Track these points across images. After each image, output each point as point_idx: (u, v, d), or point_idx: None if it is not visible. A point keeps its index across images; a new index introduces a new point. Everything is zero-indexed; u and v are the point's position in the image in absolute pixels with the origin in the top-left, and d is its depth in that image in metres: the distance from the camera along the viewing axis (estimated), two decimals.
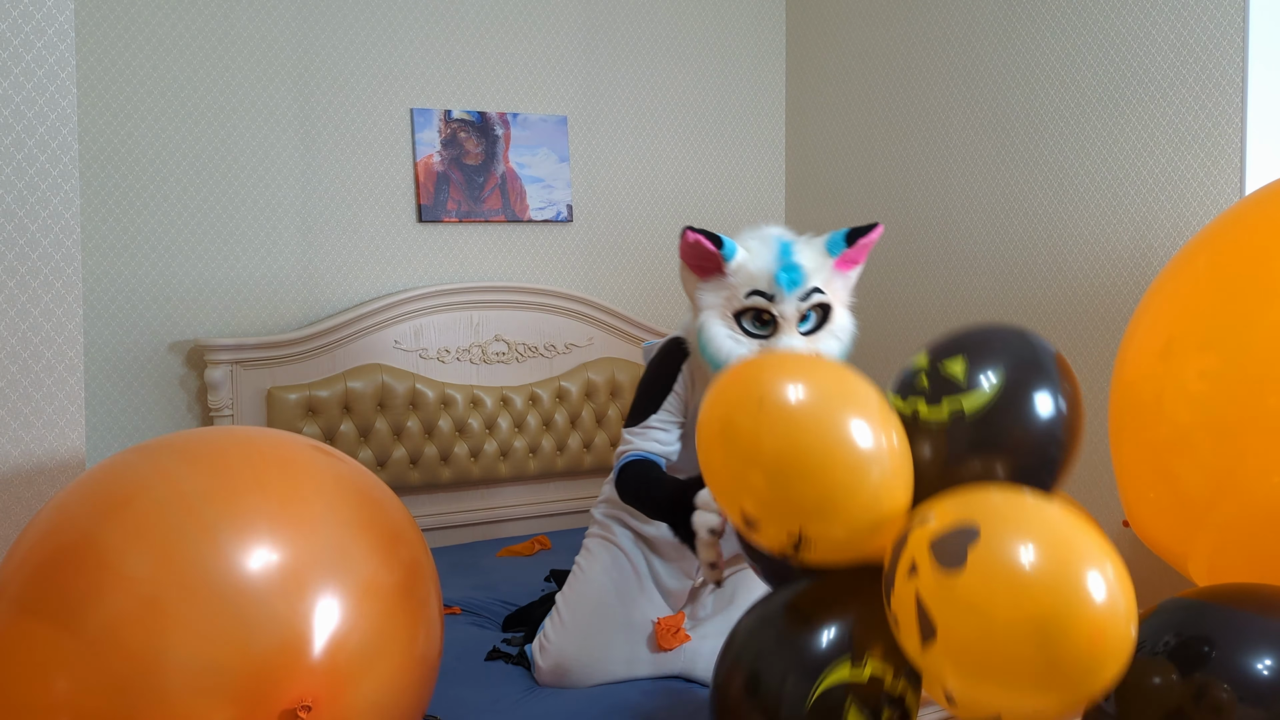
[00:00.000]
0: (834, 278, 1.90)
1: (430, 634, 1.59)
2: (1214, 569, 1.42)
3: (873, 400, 1.35)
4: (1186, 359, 1.42)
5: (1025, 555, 1.15)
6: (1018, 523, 1.19)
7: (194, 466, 1.48)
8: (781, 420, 1.30)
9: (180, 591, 1.33)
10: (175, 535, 1.37)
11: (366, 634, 1.43)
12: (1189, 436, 1.40)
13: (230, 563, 1.35)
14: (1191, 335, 1.44)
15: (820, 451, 1.29)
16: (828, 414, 1.31)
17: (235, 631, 1.32)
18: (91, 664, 1.29)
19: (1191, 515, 1.43)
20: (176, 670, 1.29)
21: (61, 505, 1.46)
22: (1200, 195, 2.68)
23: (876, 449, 1.30)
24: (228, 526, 1.39)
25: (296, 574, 1.39)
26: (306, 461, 1.57)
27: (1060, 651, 1.11)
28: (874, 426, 1.31)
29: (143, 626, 1.30)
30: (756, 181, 4.02)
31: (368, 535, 1.51)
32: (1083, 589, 1.12)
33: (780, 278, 1.83)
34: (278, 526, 1.42)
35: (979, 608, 1.15)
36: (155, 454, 1.52)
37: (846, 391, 1.35)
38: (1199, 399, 1.39)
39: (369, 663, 1.43)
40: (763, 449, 1.30)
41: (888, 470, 1.31)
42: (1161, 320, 1.49)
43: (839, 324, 1.90)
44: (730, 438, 1.33)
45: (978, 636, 1.15)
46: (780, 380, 1.33)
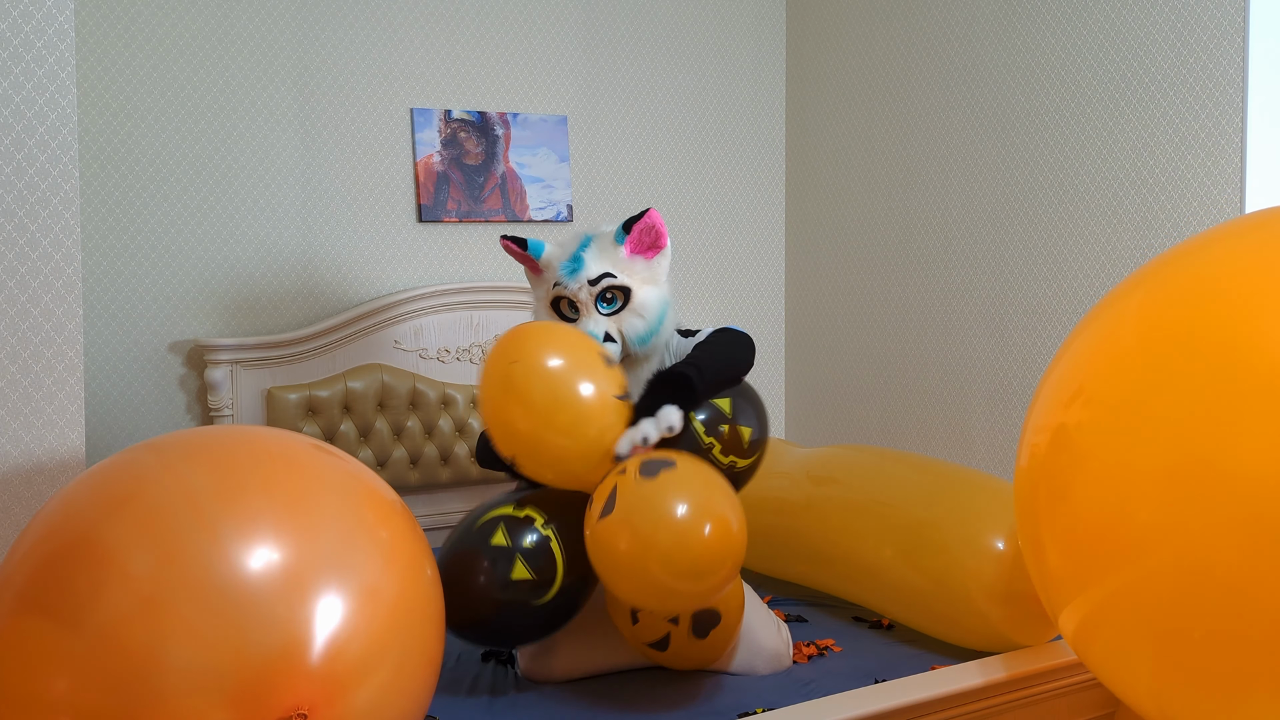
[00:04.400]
0: (633, 263, 2.15)
1: (431, 640, 1.58)
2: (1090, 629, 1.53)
3: (596, 368, 1.89)
4: (1087, 409, 1.50)
5: (691, 486, 1.75)
6: (697, 470, 1.80)
7: (200, 464, 1.47)
8: (522, 374, 1.85)
9: (181, 591, 1.32)
10: (179, 533, 1.36)
11: (367, 640, 1.42)
12: (1072, 490, 1.49)
13: (233, 563, 1.35)
14: (1098, 387, 1.50)
15: (541, 402, 1.84)
16: (555, 374, 1.85)
17: (235, 633, 1.32)
18: (91, 662, 1.29)
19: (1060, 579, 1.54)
20: (174, 670, 1.28)
21: (65, 501, 1.45)
22: (1200, 195, 2.68)
23: (590, 403, 1.85)
24: (232, 526, 1.38)
25: (299, 576, 1.38)
26: (313, 462, 1.56)
27: (690, 546, 1.69)
28: (590, 386, 1.86)
29: (143, 625, 1.29)
30: (756, 181, 4.02)
31: (372, 539, 1.50)
32: (720, 514, 1.73)
33: (563, 268, 2.14)
34: (282, 527, 1.41)
35: (650, 503, 1.72)
36: (161, 451, 1.51)
37: (576, 358, 1.88)
38: (1082, 450, 1.48)
39: (368, 669, 1.42)
40: (509, 391, 1.86)
41: (596, 420, 1.85)
42: (1077, 370, 1.55)
43: (639, 303, 2.14)
44: (486, 382, 1.90)
45: (644, 521, 1.71)
46: (526, 344, 1.88)
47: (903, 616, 2.27)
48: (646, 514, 1.71)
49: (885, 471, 2.46)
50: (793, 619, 2.38)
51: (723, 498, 1.77)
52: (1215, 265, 1.48)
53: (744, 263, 4.01)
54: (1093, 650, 1.55)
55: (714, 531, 1.71)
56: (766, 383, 4.07)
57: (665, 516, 1.70)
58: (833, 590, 2.47)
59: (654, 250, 2.17)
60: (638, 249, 2.15)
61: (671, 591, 1.72)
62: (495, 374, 1.89)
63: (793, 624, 2.34)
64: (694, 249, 3.89)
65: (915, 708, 1.82)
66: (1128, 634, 1.45)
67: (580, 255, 2.13)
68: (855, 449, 2.69)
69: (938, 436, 3.44)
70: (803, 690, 1.96)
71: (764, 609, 2.16)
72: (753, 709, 1.87)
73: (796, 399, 4.06)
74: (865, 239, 3.71)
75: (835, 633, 2.28)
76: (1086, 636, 1.54)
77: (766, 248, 4.06)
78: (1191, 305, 1.44)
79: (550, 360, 1.86)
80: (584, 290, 2.11)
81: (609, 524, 1.75)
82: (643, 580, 1.72)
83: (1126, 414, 1.43)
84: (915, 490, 2.31)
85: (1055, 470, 1.54)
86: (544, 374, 1.85)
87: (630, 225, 2.14)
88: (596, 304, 2.12)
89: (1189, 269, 1.51)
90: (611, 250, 2.14)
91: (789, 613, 2.42)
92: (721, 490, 1.79)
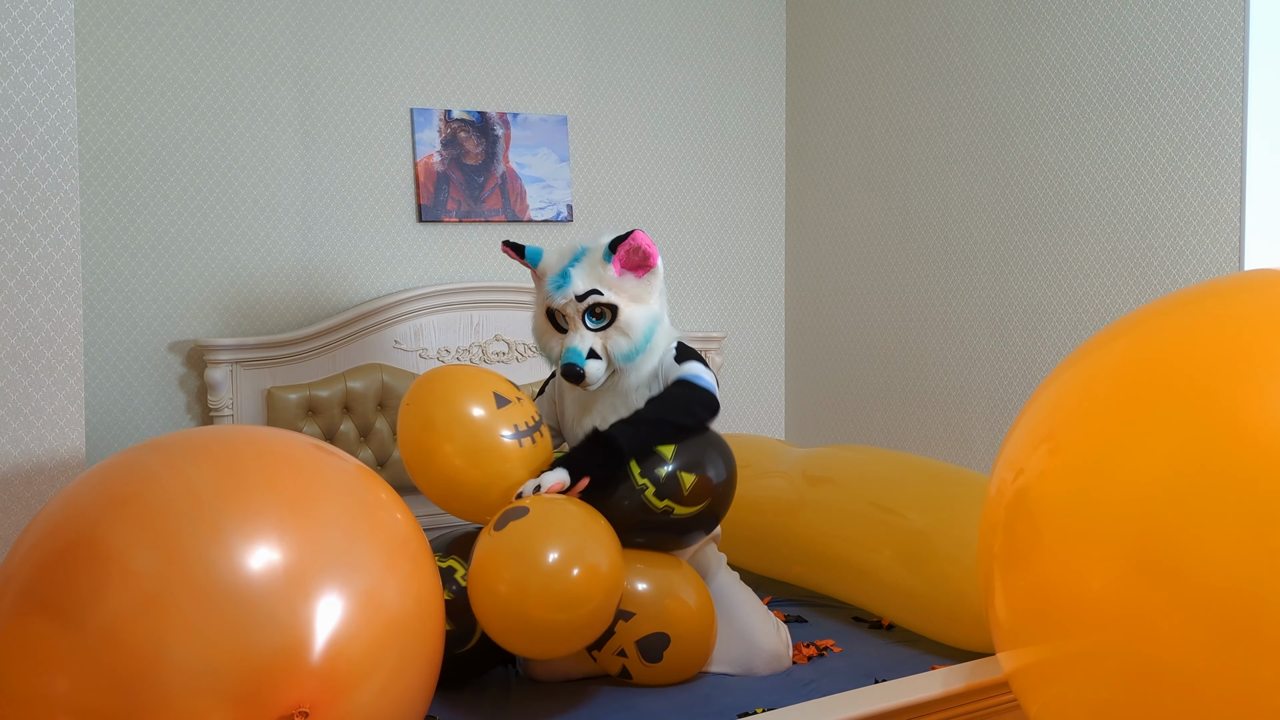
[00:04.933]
0: (623, 281, 2.13)
1: (432, 640, 1.58)
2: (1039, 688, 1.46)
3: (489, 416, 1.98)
4: (1055, 458, 1.43)
5: (539, 531, 1.80)
6: (551, 517, 1.84)
7: (203, 463, 1.47)
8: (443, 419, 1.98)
9: (184, 589, 1.32)
10: (181, 532, 1.36)
11: (368, 639, 1.42)
12: (1029, 544, 1.43)
13: (235, 562, 1.34)
14: (1068, 436, 1.43)
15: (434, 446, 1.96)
16: (450, 420, 1.96)
17: (237, 632, 1.31)
18: (92, 661, 1.28)
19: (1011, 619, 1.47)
20: (176, 669, 1.28)
21: (67, 500, 1.44)
22: (1200, 195, 2.68)
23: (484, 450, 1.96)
24: (235, 525, 1.37)
25: (301, 576, 1.38)
26: (315, 462, 1.56)
27: (538, 587, 1.75)
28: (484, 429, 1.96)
29: (144, 624, 1.29)
30: (756, 181, 4.02)
31: (374, 539, 1.50)
32: (572, 555, 1.79)
33: (551, 283, 2.14)
34: (285, 527, 1.41)
35: (496, 552, 1.79)
36: (164, 450, 1.51)
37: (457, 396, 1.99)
38: (1044, 503, 1.41)
39: (369, 669, 1.42)
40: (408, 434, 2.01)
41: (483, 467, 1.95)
42: (1053, 412, 1.48)
43: (624, 321, 2.13)
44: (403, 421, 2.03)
45: (488, 570, 1.78)
46: (422, 392, 2.01)
47: (900, 617, 2.26)
48: (491, 563, 1.79)
49: (882, 472, 2.46)
50: (792, 619, 2.38)
51: (576, 540, 1.81)
52: (1210, 326, 1.37)
53: (744, 263, 4.01)
54: (1030, 699, 1.49)
55: (564, 568, 1.76)
56: (766, 383, 4.07)
57: (508, 563, 1.77)
58: (830, 591, 2.47)
59: (644, 269, 2.15)
60: (627, 267, 2.14)
61: (535, 630, 1.77)
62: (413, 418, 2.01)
63: (792, 624, 2.34)
64: (694, 249, 3.89)
65: (915, 708, 1.82)
66: (1066, 701, 1.38)
67: (568, 271, 2.12)
68: (852, 449, 2.69)
69: (937, 437, 3.44)
70: (803, 690, 1.96)
71: (763, 609, 2.16)
72: (753, 709, 1.86)
73: (796, 399, 4.06)
74: (865, 239, 3.71)
75: (835, 633, 2.28)
76: (1025, 685, 1.48)
77: (766, 248, 4.06)
78: (1176, 368, 1.33)
79: (456, 407, 1.97)
80: (570, 305, 2.11)
81: (470, 576, 1.83)
82: (505, 624, 1.77)
83: (1092, 473, 1.35)
84: (912, 491, 2.31)
85: (1015, 517, 1.47)
86: (460, 420, 1.97)
87: (616, 245, 2.13)
88: (585, 319, 2.11)
89: (1180, 323, 1.41)
90: (601, 267, 2.13)
91: (789, 613, 2.42)
92: (575, 533, 1.83)
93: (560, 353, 2.13)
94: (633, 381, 2.17)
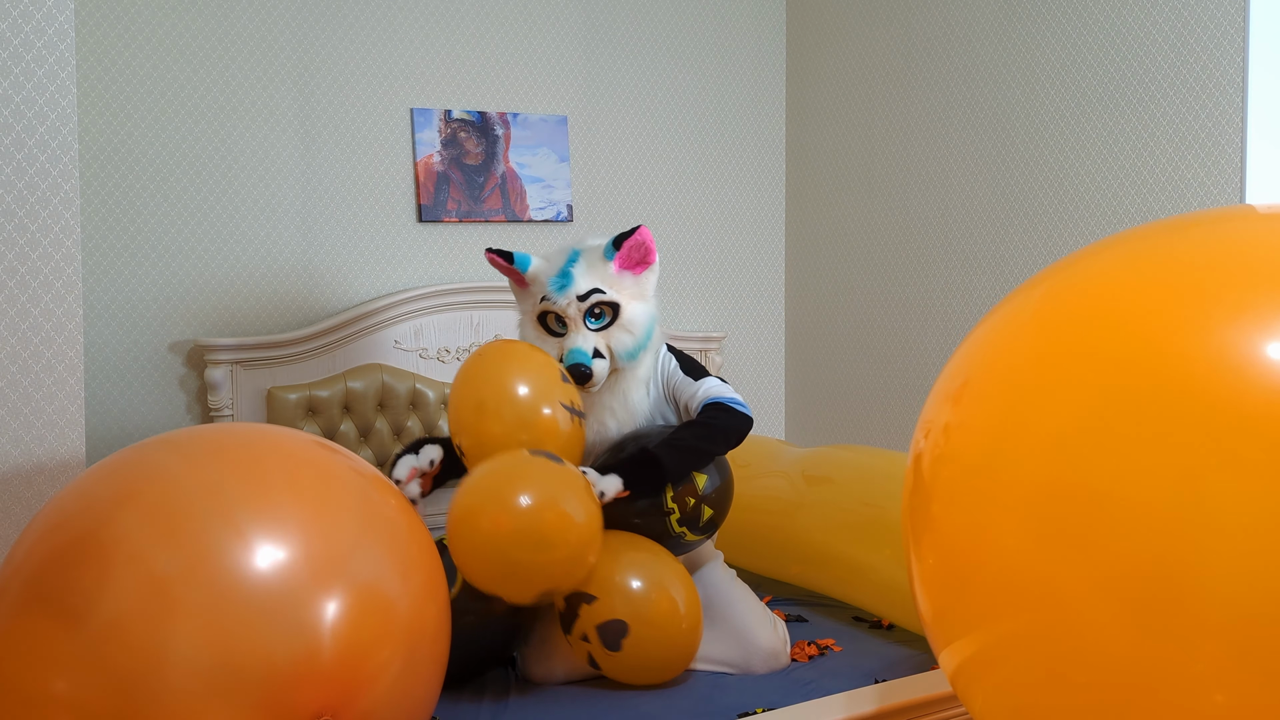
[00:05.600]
0: (621, 279, 2.15)
1: (439, 641, 1.58)
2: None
3: (549, 384, 2.00)
4: (971, 408, 1.25)
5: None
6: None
7: (218, 458, 1.44)
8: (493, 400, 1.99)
9: (196, 586, 1.29)
10: (194, 527, 1.33)
11: (383, 641, 1.40)
12: (940, 512, 1.26)
13: (251, 559, 1.32)
14: (985, 381, 1.25)
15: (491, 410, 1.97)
16: (510, 388, 1.99)
17: (252, 633, 1.29)
18: (94, 659, 1.26)
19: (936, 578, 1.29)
20: (184, 669, 1.25)
21: (75, 494, 1.42)
22: (1200, 196, 2.68)
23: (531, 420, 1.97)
24: (251, 521, 1.35)
25: (319, 576, 1.36)
26: (327, 462, 1.55)
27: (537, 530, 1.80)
28: (542, 402, 1.98)
29: (151, 621, 1.26)
30: (756, 181, 4.02)
31: (385, 538, 1.50)
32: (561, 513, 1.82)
33: (552, 283, 2.13)
34: (304, 524, 1.39)
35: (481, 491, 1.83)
36: (176, 445, 1.48)
37: (531, 376, 2.00)
38: (955, 463, 1.24)
39: (382, 671, 1.41)
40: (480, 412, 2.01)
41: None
42: (969, 359, 1.31)
43: (627, 318, 2.14)
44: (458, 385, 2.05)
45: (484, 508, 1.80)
46: (489, 362, 2.04)
47: (899, 617, 2.26)
48: (471, 501, 1.85)
49: (881, 471, 2.46)
50: (793, 619, 2.38)
51: (552, 486, 1.86)
52: (1145, 265, 1.19)
53: (744, 263, 4.01)
54: (970, 700, 1.28)
55: (538, 510, 1.81)
56: (766, 383, 4.07)
57: (486, 503, 1.83)
58: (829, 591, 2.48)
59: (642, 266, 2.17)
60: (626, 265, 2.15)
61: (510, 569, 1.80)
62: (468, 392, 2.02)
63: (792, 624, 2.34)
64: (694, 249, 3.89)
65: (915, 707, 1.82)
66: (1003, 698, 1.19)
67: (569, 271, 2.12)
68: (851, 449, 2.69)
69: None
70: (803, 690, 1.96)
71: (761, 607, 2.16)
72: (753, 709, 1.86)
73: (796, 399, 4.06)
74: (865, 239, 3.71)
75: (835, 633, 2.28)
76: (964, 686, 1.28)
77: (766, 248, 4.06)
78: (1102, 308, 1.15)
79: (519, 388, 2.00)
80: (573, 306, 2.10)
81: (451, 515, 1.86)
82: (483, 564, 1.81)
83: (1002, 426, 1.17)
84: None
85: (922, 483, 1.29)
86: (512, 401, 1.99)
87: (620, 241, 2.14)
88: (585, 319, 2.11)
89: (1113, 262, 1.22)
90: (600, 265, 2.14)
91: (789, 613, 2.42)
92: (551, 480, 1.87)
93: (560, 355, 2.12)
94: (630, 380, 2.18)
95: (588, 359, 2.08)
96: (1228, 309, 1.03)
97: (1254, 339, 1.00)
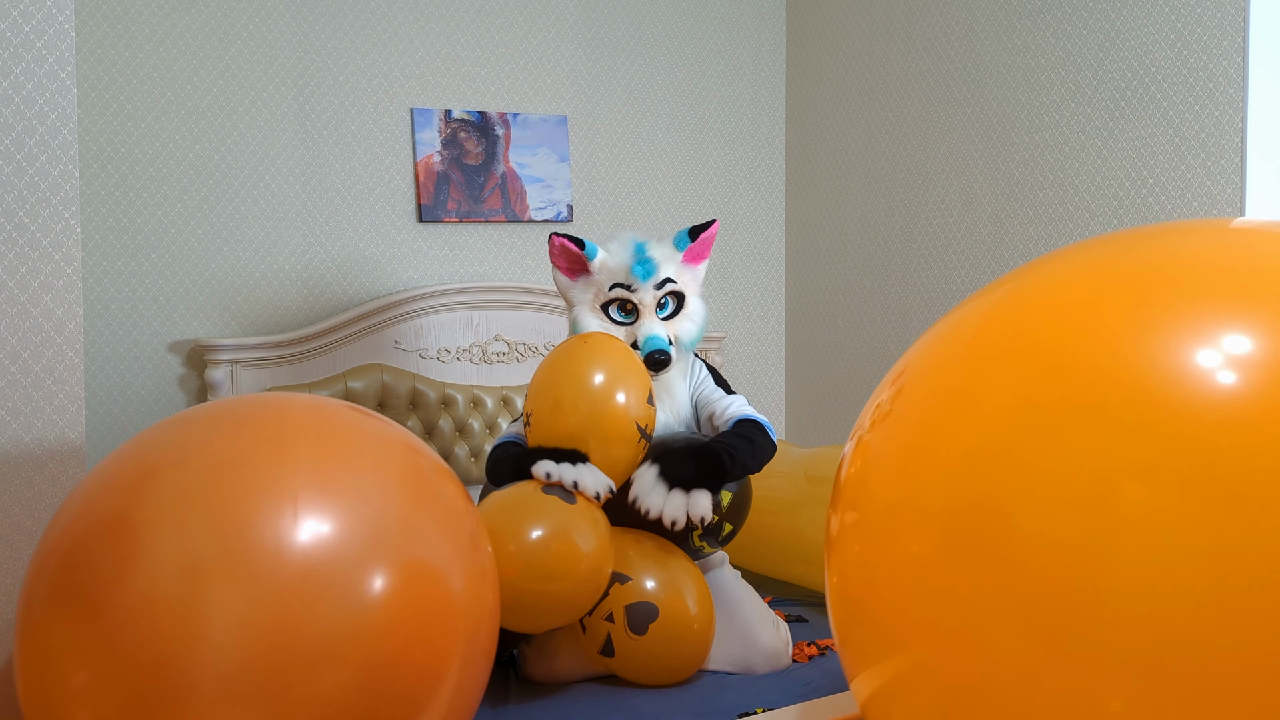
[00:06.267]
0: (684, 270, 2.22)
1: (490, 624, 1.46)
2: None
3: (636, 378, 2.01)
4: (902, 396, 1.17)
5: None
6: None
7: (246, 430, 1.33)
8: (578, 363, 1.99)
9: (224, 568, 1.19)
10: (221, 503, 1.23)
11: (431, 625, 1.29)
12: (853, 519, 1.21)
13: (285, 536, 1.21)
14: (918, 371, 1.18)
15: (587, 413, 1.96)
16: (609, 380, 1.98)
17: (284, 615, 1.18)
18: (122, 645, 1.17)
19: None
20: (212, 662, 1.16)
21: (97, 477, 1.34)
22: (1200, 196, 2.68)
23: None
24: (280, 494, 1.24)
25: (362, 552, 1.25)
26: (366, 428, 1.44)
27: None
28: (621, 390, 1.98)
29: (175, 608, 1.17)
30: (756, 181, 4.02)
31: (434, 510, 1.38)
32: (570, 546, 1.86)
33: (636, 269, 2.14)
34: (341, 497, 1.27)
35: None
36: (200, 419, 1.38)
37: (622, 369, 2.00)
38: (873, 460, 1.17)
39: (444, 657, 1.29)
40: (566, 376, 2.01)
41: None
42: (903, 365, 1.23)
43: (692, 309, 2.22)
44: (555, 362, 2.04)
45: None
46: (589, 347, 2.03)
47: None
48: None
49: None
50: (793, 619, 2.38)
51: (561, 519, 1.88)
52: (1094, 274, 1.10)
53: (744, 263, 4.01)
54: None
55: (544, 543, 1.83)
56: (766, 383, 4.07)
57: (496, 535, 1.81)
58: None
59: (700, 260, 2.26)
60: (691, 257, 2.22)
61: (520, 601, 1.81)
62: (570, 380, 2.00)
63: (793, 624, 2.34)
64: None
65: None
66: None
67: (651, 258, 2.16)
68: None
69: None
70: (803, 690, 1.96)
71: (763, 607, 2.16)
72: (752, 709, 1.86)
73: (796, 399, 4.06)
74: (865, 239, 3.71)
75: None
76: (876, 715, 1.16)
77: (766, 248, 4.06)
78: (1028, 315, 1.09)
79: (619, 396, 1.99)
80: (649, 293, 2.15)
81: None
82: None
83: (924, 430, 1.08)
84: None
85: (842, 490, 1.22)
86: (608, 406, 1.98)
87: (697, 233, 2.21)
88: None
89: (1053, 273, 1.15)
90: (673, 255, 2.20)
91: (789, 613, 2.42)
92: (560, 512, 1.90)
93: (635, 342, 2.15)
94: (675, 372, 2.23)
95: (667, 345, 2.13)
96: (1154, 323, 0.97)
97: (1173, 354, 0.94)
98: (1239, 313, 0.95)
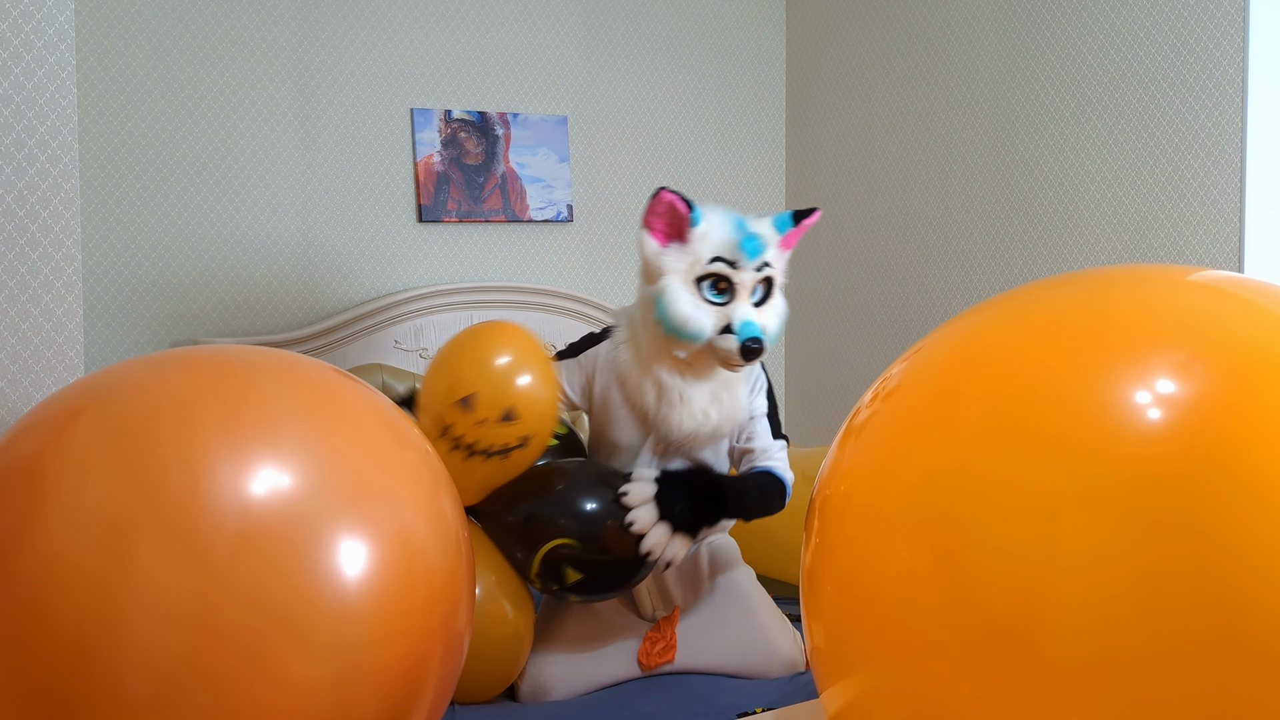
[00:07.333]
0: (778, 256, 1.95)
1: (465, 589, 1.32)
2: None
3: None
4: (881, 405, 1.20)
5: None
6: None
7: (195, 370, 1.14)
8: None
9: (155, 526, 0.98)
10: (156, 449, 1.01)
11: (401, 591, 1.12)
12: (834, 524, 1.20)
13: (233, 488, 1.01)
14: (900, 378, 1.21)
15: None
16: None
17: (236, 577, 0.99)
18: (21, 626, 0.96)
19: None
20: (140, 635, 0.95)
21: (10, 431, 1.12)
22: (1200, 195, 2.68)
23: None
24: (232, 441, 1.03)
25: (324, 510, 1.07)
26: (337, 382, 1.28)
27: None
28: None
29: (100, 566, 0.95)
30: (756, 181, 4.02)
31: (405, 473, 1.23)
32: None
33: (745, 244, 1.85)
34: (303, 446, 1.09)
35: None
36: (144, 360, 1.19)
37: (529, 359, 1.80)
38: (854, 468, 1.17)
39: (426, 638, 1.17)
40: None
41: None
42: (886, 378, 1.24)
43: (778, 302, 1.95)
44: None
45: None
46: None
47: None
48: None
49: None
50: (793, 619, 2.37)
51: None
52: (1069, 309, 1.15)
53: None
54: None
55: None
56: None
57: None
58: None
59: (789, 247, 1.99)
60: (784, 243, 1.96)
61: None
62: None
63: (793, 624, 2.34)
64: None
65: None
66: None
67: (760, 235, 1.87)
68: None
69: None
70: (803, 691, 1.96)
71: (779, 615, 2.15)
72: (752, 709, 1.86)
73: (796, 399, 4.06)
74: (865, 239, 3.71)
75: None
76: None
77: None
78: (995, 344, 1.13)
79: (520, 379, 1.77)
80: (750, 274, 1.86)
81: None
82: None
83: (900, 444, 1.10)
84: None
85: (821, 498, 1.21)
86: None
87: (800, 218, 1.95)
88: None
89: (1044, 300, 1.19)
90: (773, 237, 1.92)
91: (789, 613, 2.41)
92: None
93: (720, 326, 1.85)
94: (741, 373, 1.98)
95: (762, 333, 1.85)
96: (1105, 363, 1.02)
97: (1117, 390, 0.99)
98: (1176, 359, 1.00)
